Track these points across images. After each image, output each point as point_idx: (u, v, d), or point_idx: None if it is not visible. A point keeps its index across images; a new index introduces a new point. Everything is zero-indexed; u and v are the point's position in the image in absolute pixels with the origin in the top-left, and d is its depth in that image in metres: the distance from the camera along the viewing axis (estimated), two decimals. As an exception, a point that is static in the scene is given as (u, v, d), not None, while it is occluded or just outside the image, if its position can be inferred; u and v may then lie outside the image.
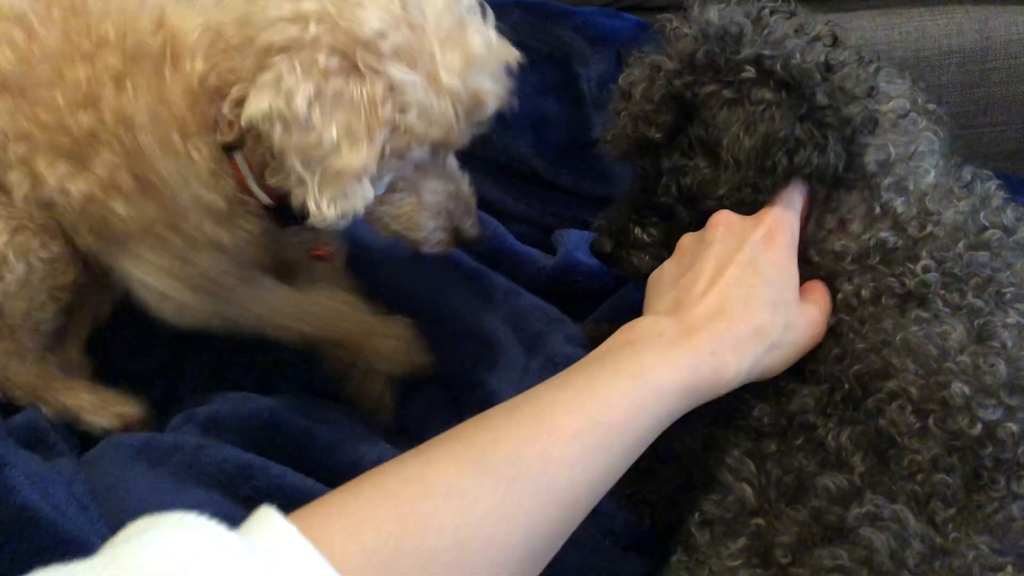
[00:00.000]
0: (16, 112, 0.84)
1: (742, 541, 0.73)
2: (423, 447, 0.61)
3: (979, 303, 0.77)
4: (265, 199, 0.86)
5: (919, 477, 0.70)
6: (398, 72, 0.73)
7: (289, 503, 0.83)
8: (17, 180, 0.87)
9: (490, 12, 0.84)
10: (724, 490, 0.78)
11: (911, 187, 0.82)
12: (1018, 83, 1.23)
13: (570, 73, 1.28)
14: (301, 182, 0.73)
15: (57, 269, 0.96)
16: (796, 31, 0.84)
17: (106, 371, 1.11)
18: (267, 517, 0.51)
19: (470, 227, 0.90)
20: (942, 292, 0.78)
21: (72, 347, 1.09)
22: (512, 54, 0.83)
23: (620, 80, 0.91)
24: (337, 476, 0.83)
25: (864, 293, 0.80)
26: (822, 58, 0.82)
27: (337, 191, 0.73)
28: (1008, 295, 0.78)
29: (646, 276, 0.85)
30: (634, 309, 1.12)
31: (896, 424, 0.73)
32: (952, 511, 0.68)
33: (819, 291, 0.82)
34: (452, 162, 0.88)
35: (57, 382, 1.03)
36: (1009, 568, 0.65)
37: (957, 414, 0.71)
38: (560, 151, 1.29)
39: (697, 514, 0.78)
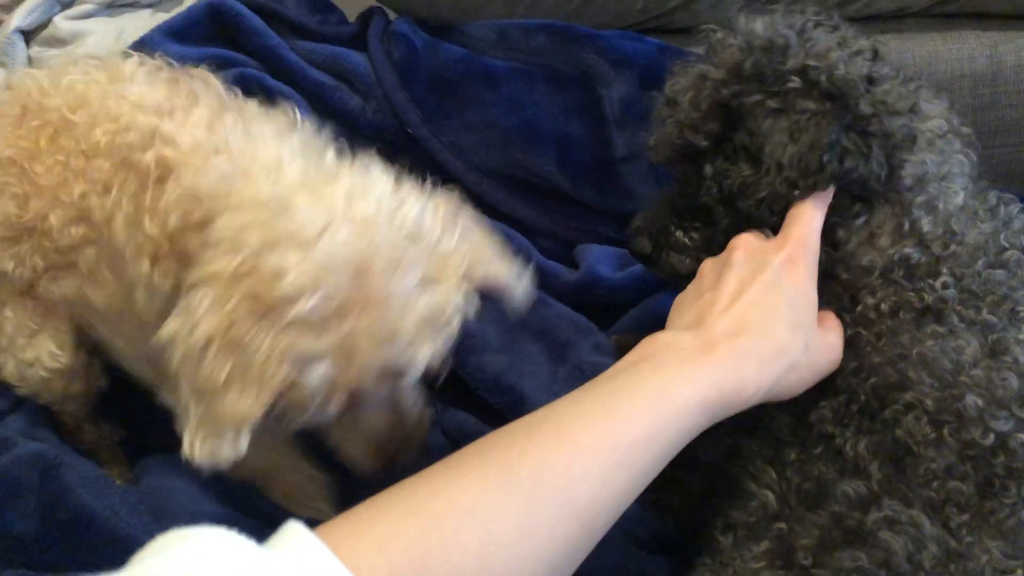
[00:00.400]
0: (34, 252, 0.88)
1: (764, 544, 0.77)
2: (447, 461, 0.61)
3: (994, 319, 0.80)
4: None
5: (934, 484, 0.74)
6: (303, 342, 0.68)
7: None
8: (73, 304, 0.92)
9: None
10: (747, 496, 0.82)
11: (940, 207, 0.85)
12: (1029, 106, 1.28)
13: (594, 95, 1.32)
14: (185, 411, 0.72)
15: (74, 379, 1.00)
16: (839, 44, 0.86)
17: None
18: (294, 531, 0.51)
19: (405, 458, 0.84)
20: (959, 308, 0.81)
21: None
22: (461, 309, 0.77)
23: (667, 88, 0.93)
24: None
25: (883, 307, 0.84)
26: (865, 71, 0.84)
27: (211, 433, 0.70)
28: (1022, 312, 0.81)
29: (685, 277, 0.88)
30: (656, 321, 1.17)
31: (912, 434, 0.76)
32: (966, 516, 0.72)
33: (833, 319, 0.84)
34: (409, 392, 0.82)
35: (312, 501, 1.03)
36: (1020, 571, 0.69)
37: (971, 425, 0.75)
38: (583, 169, 1.33)
39: (721, 520, 0.82)
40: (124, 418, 1.13)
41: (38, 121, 0.87)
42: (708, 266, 0.84)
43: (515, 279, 0.83)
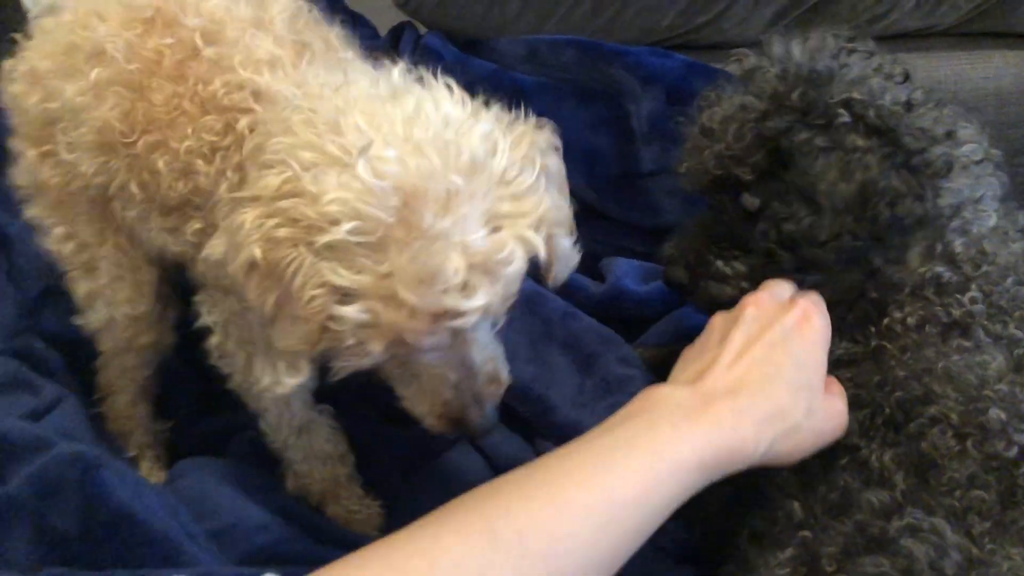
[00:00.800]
0: (127, 171, 0.86)
1: (789, 551, 0.78)
2: (432, 516, 0.59)
3: (1020, 334, 0.82)
4: None
5: (957, 493, 0.75)
6: (338, 272, 0.64)
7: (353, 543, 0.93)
8: (141, 233, 0.92)
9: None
10: (772, 506, 0.83)
11: (973, 230, 0.87)
12: (1053, 124, 1.29)
13: (621, 110, 1.35)
14: (248, 337, 0.72)
15: (139, 327, 1.02)
16: (875, 70, 0.87)
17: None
18: None
19: (477, 421, 0.78)
20: (986, 323, 0.83)
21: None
22: (524, 257, 0.69)
23: (703, 117, 0.93)
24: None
25: (910, 321, 0.85)
26: (904, 98, 0.85)
27: (269, 363, 0.70)
28: (1048, 328, 0.83)
29: (725, 306, 0.87)
30: (681, 334, 1.20)
31: (937, 447, 0.78)
32: (988, 525, 0.73)
33: (838, 385, 0.82)
34: (479, 347, 0.76)
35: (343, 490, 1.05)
36: (1041, 580, 0.70)
37: (994, 438, 0.76)
38: (610, 183, 1.35)
39: (746, 529, 0.84)
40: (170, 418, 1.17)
41: (170, 38, 0.82)
42: (718, 321, 0.83)
43: (569, 254, 0.78)
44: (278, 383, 0.69)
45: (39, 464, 0.98)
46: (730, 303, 0.86)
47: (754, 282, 0.89)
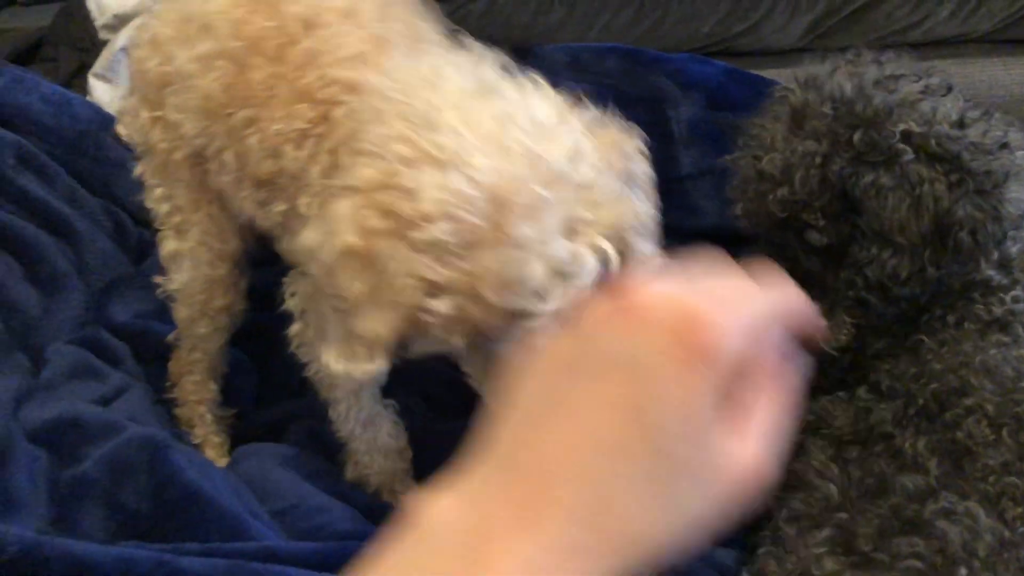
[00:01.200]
0: (224, 138, 0.90)
1: (827, 532, 0.82)
2: None
3: (1056, 333, 0.85)
4: None
5: (991, 479, 0.79)
6: (431, 268, 0.66)
7: None
8: (231, 199, 0.97)
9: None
10: (810, 489, 0.87)
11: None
12: (1086, 130, 1.31)
13: (661, 115, 1.38)
14: (326, 323, 0.74)
15: (215, 290, 1.07)
16: (923, 91, 0.90)
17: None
18: None
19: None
20: (1024, 321, 0.86)
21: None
22: (598, 263, 0.69)
23: (764, 163, 0.94)
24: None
25: (950, 318, 0.89)
26: (955, 116, 0.89)
27: (348, 349, 0.71)
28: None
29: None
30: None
31: (972, 436, 0.81)
32: (1020, 510, 0.77)
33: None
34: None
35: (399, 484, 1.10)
36: (1071, 561, 0.74)
37: (1028, 427, 0.80)
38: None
39: (785, 511, 0.88)
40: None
41: (273, 21, 0.86)
42: None
43: (648, 259, 0.76)
44: (355, 370, 0.71)
45: (111, 446, 1.04)
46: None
47: (830, 315, 0.92)
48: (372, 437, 1.05)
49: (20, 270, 1.28)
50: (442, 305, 0.66)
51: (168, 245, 1.06)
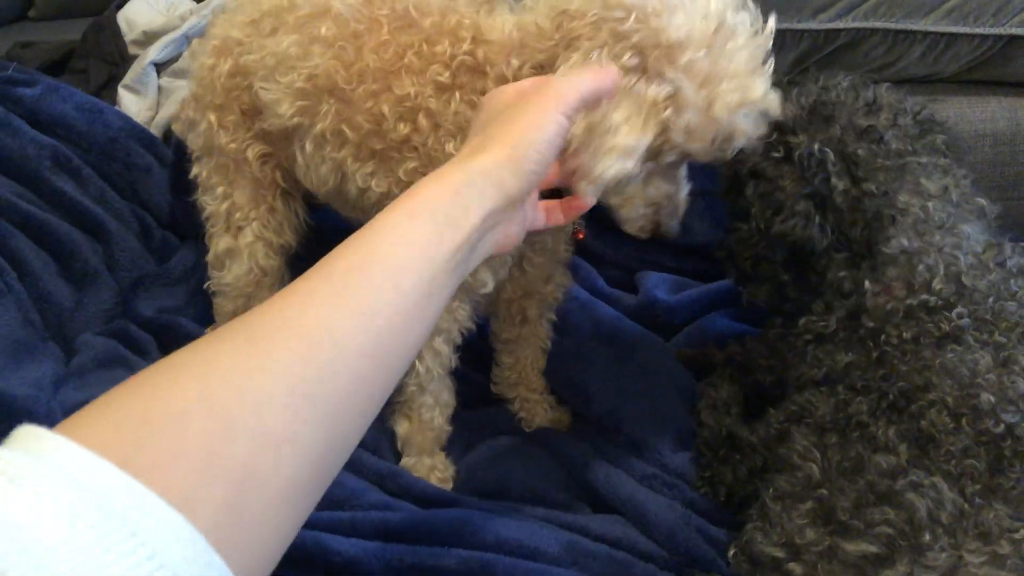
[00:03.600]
0: (337, 116, 0.99)
1: (809, 505, 0.92)
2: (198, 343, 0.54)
3: (1004, 340, 0.96)
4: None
5: (952, 462, 0.89)
6: (686, 86, 0.82)
7: (423, 495, 1.06)
8: (325, 175, 1.04)
9: (772, 59, 0.89)
10: (794, 470, 0.97)
11: (944, 270, 1.01)
12: (1043, 164, 1.44)
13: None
14: (582, 149, 0.84)
15: (264, 281, 1.16)
16: (849, 121, 1.05)
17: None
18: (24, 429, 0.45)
19: (671, 225, 0.98)
20: (974, 332, 0.97)
21: None
22: (776, 106, 0.89)
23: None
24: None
25: (906, 335, 0.99)
26: (854, 150, 1.03)
27: (607, 162, 0.82)
28: (1030, 335, 0.97)
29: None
30: (707, 337, 1.34)
31: (935, 424, 0.92)
32: (978, 487, 0.87)
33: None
34: (683, 170, 0.97)
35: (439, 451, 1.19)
36: (1021, 530, 0.84)
37: (985, 417, 0.90)
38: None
39: (771, 489, 0.97)
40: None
41: (387, 10, 0.97)
42: None
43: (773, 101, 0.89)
44: (615, 175, 0.82)
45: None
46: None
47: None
48: (439, 392, 1.15)
49: (55, 265, 1.37)
50: (684, 119, 0.83)
51: (222, 243, 1.15)
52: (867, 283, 1.03)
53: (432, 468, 1.16)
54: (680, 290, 1.44)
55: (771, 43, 0.88)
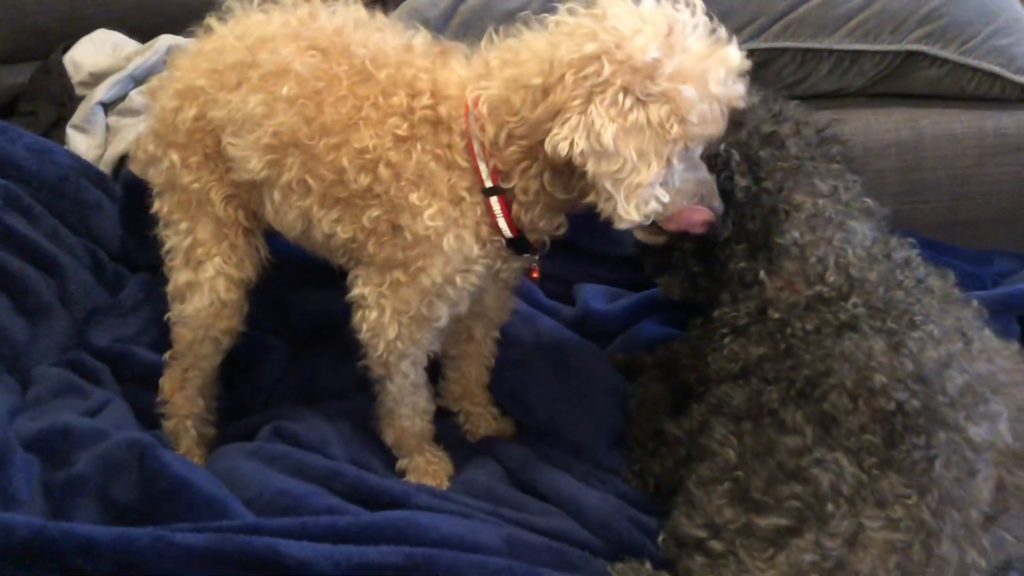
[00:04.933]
0: (301, 168, 1.05)
1: (726, 486, 1.00)
2: None
3: (895, 326, 1.05)
4: (509, 233, 1.05)
5: (852, 439, 0.97)
6: (680, 90, 0.91)
7: (370, 494, 1.11)
8: (292, 221, 1.10)
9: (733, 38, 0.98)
10: (713, 457, 1.04)
11: (834, 262, 1.10)
12: (944, 168, 1.53)
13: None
14: (609, 199, 0.93)
15: (224, 313, 1.20)
16: (752, 130, 1.15)
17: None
18: None
19: (716, 205, 1.07)
20: (869, 320, 1.06)
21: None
22: (747, 63, 0.98)
23: None
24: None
25: (808, 327, 1.08)
26: (757, 153, 1.12)
27: (639, 200, 0.92)
28: (917, 320, 1.05)
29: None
30: (639, 344, 1.42)
31: (836, 406, 1.00)
32: (875, 460, 0.95)
33: None
34: (696, 153, 1.02)
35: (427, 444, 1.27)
36: (913, 497, 0.92)
37: (879, 396, 0.98)
38: (583, 220, 1.55)
39: (694, 476, 1.05)
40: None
41: (345, 66, 1.04)
42: None
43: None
44: (651, 209, 0.93)
45: (101, 448, 1.17)
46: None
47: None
48: (417, 401, 1.22)
49: (8, 301, 1.40)
50: (693, 119, 0.92)
51: (183, 276, 1.19)
52: (762, 273, 1.12)
53: (427, 464, 1.24)
54: (614, 300, 1.52)
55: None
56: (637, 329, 1.46)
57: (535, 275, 1.17)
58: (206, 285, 1.17)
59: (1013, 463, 0.96)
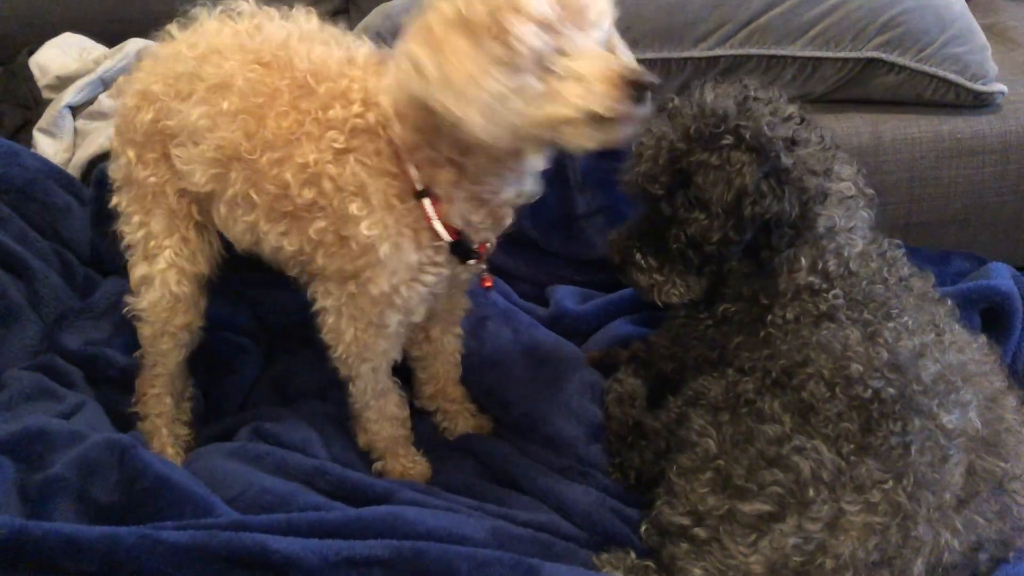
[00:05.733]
0: (245, 182, 1.06)
1: (708, 475, 1.02)
2: None
3: (871, 317, 1.08)
4: (447, 236, 1.04)
5: (830, 427, 1.00)
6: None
7: (353, 491, 1.12)
8: (241, 233, 1.11)
9: None
10: (693, 447, 1.07)
11: (844, 253, 1.12)
12: (903, 172, 1.58)
13: (560, 163, 1.60)
14: (446, 109, 0.89)
15: (178, 308, 1.20)
16: (771, 112, 1.13)
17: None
18: None
19: (640, 72, 0.92)
20: (847, 311, 1.09)
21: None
22: None
23: (633, 146, 1.17)
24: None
25: (789, 315, 1.11)
26: (789, 133, 1.11)
27: (468, 97, 0.87)
28: (893, 313, 1.09)
29: (643, 291, 1.16)
30: (612, 341, 1.44)
31: (813, 394, 1.03)
32: (852, 446, 0.98)
33: None
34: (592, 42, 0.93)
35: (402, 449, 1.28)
36: (890, 481, 0.95)
37: (855, 384, 1.02)
38: (552, 224, 1.59)
39: (675, 467, 1.07)
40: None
41: (287, 80, 1.04)
42: None
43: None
44: (480, 107, 0.88)
45: (79, 450, 1.15)
46: (646, 289, 1.15)
47: (665, 275, 1.15)
48: (383, 407, 1.23)
49: (-23, 305, 1.38)
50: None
51: (139, 270, 1.20)
52: (802, 259, 1.11)
53: (404, 469, 1.25)
54: (586, 300, 1.54)
55: None
56: (610, 328, 1.48)
57: (487, 284, 1.18)
58: (158, 278, 1.18)
59: (983, 449, 1.00)
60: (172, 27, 1.15)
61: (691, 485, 1.03)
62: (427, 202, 1.03)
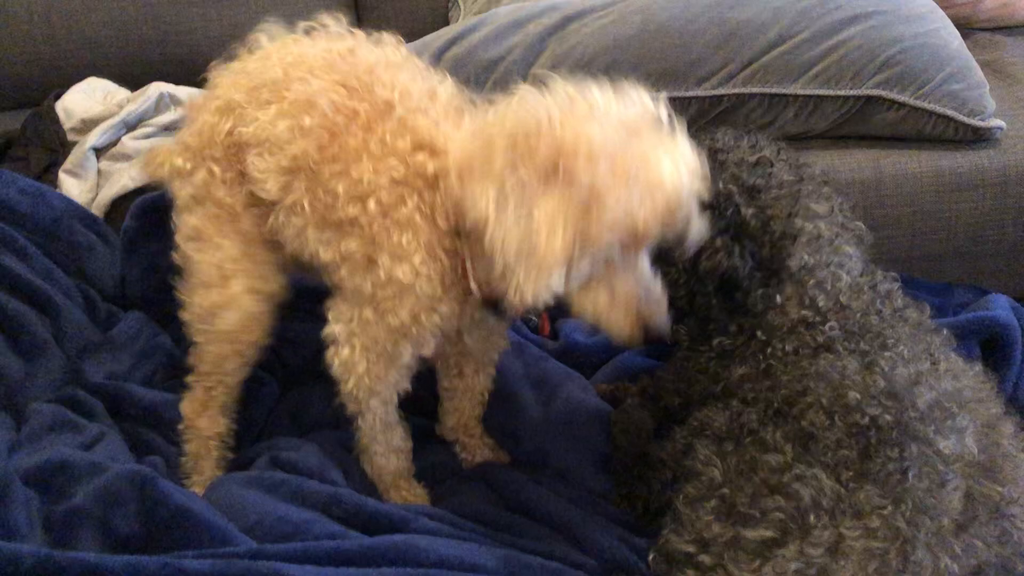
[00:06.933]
0: (306, 191, 1.09)
1: (713, 503, 1.04)
2: None
3: (868, 348, 1.12)
4: (477, 294, 1.07)
5: (829, 454, 1.03)
6: (599, 182, 0.89)
7: (369, 519, 1.14)
8: (289, 238, 1.14)
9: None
10: (699, 476, 1.09)
11: (830, 287, 1.17)
12: (904, 206, 1.61)
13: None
14: (508, 272, 0.91)
15: (253, 326, 1.22)
16: (737, 163, 1.18)
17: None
18: None
19: (658, 322, 1.00)
20: (844, 343, 1.13)
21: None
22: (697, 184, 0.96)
23: None
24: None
25: (788, 347, 1.15)
26: (752, 181, 1.17)
27: (538, 277, 0.89)
28: (889, 343, 1.12)
29: None
30: (621, 373, 1.47)
31: (813, 423, 1.06)
32: (851, 473, 1.01)
33: None
34: (644, 263, 0.99)
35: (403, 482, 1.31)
36: (889, 507, 0.98)
37: (853, 412, 1.04)
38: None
39: (681, 496, 1.10)
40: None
41: (367, 103, 1.07)
42: None
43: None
44: (546, 291, 0.90)
45: (100, 481, 1.19)
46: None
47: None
48: (389, 440, 1.25)
49: (4, 339, 1.43)
50: (604, 219, 0.89)
51: (212, 292, 1.20)
52: (778, 297, 1.17)
53: (403, 500, 1.28)
54: (595, 333, 1.58)
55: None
56: (618, 360, 1.51)
57: (546, 332, 1.23)
58: (236, 300, 1.20)
59: (980, 474, 1.02)
60: (259, 36, 1.19)
61: (697, 513, 1.05)
62: (468, 258, 1.05)
